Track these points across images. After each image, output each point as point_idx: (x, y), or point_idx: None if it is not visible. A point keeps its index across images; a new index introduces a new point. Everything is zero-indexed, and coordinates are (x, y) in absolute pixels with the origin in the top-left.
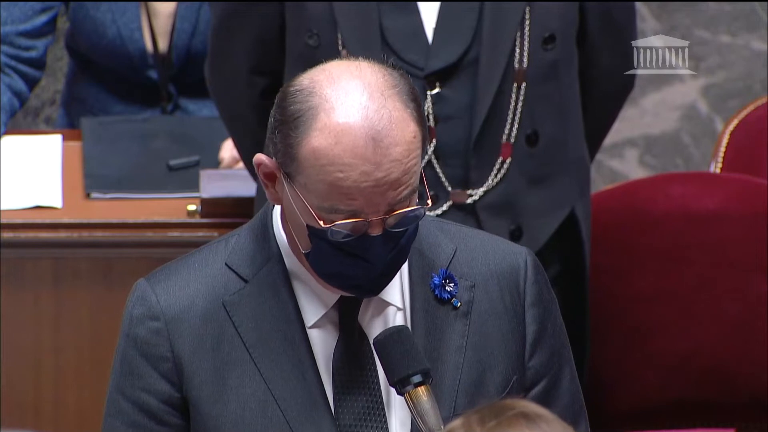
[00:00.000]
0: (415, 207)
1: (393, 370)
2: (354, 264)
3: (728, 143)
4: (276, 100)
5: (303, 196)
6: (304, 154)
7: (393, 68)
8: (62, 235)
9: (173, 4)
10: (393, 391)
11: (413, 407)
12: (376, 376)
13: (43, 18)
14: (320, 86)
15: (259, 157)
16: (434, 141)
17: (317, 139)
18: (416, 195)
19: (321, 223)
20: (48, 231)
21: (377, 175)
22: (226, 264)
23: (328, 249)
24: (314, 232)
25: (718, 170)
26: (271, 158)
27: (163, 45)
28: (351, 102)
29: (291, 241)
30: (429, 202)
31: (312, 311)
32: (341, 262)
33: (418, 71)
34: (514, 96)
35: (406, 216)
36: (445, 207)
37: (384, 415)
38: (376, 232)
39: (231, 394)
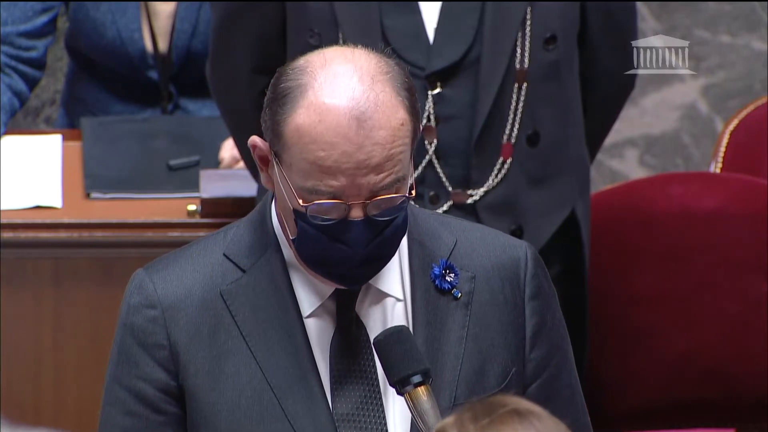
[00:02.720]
0: (398, 195)
1: (393, 370)
2: (335, 250)
3: (728, 143)
4: (272, 80)
5: (287, 175)
6: (289, 131)
7: (390, 58)
8: (62, 235)
9: (173, 4)
10: None
11: (413, 407)
12: (374, 366)
13: (43, 18)
14: (313, 66)
15: (254, 138)
16: (435, 141)
17: (301, 117)
18: (405, 186)
19: (301, 202)
20: (48, 231)
21: (359, 157)
22: (224, 254)
23: (311, 233)
24: (298, 215)
25: (718, 170)
26: (264, 140)
27: (163, 45)
28: (339, 83)
29: (284, 229)
30: (413, 192)
31: (308, 301)
32: (323, 248)
33: (419, 71)
34: (515, 96)
35: (389, 204)
36: (445, 207)
37: (381, 404)
38: (356, 215)
39: (227, 383)
